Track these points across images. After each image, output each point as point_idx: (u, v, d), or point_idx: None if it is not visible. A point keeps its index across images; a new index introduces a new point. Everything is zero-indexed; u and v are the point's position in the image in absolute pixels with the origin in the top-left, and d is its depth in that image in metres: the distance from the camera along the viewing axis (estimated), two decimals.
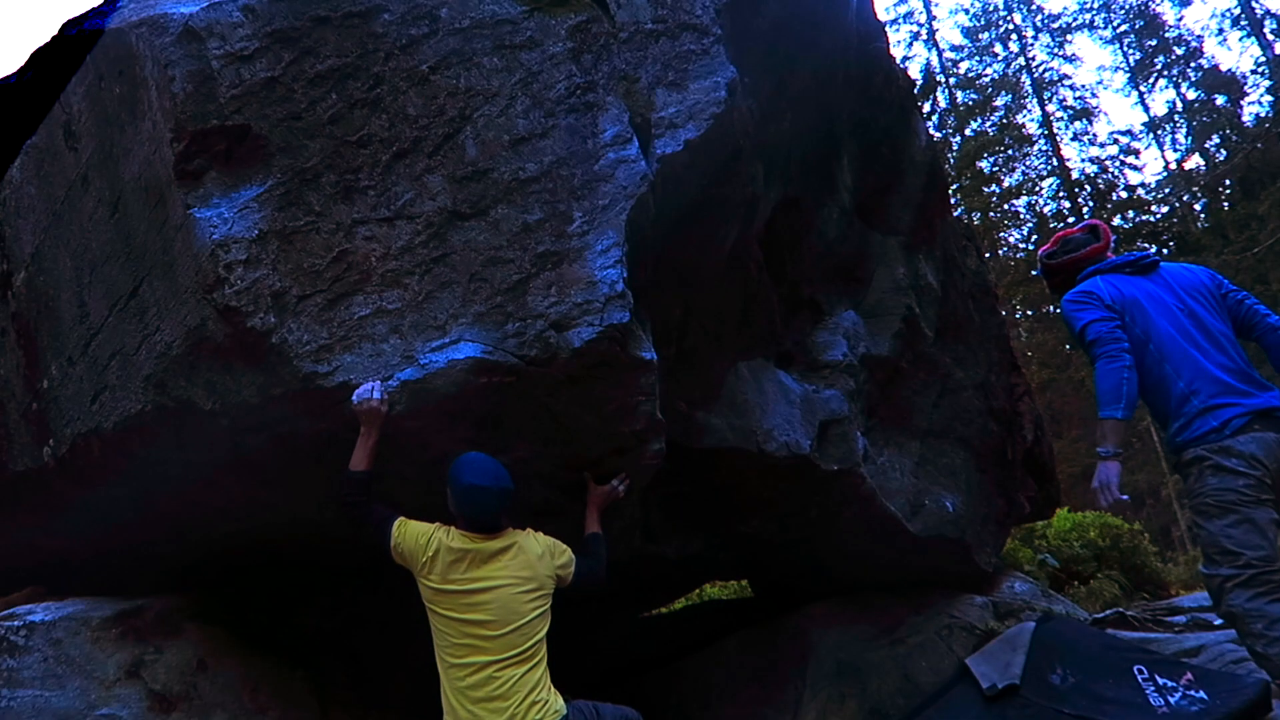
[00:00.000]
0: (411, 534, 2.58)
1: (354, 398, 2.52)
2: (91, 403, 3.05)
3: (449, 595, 2.51)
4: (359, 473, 2.60)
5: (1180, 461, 2.81)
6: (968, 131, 23.98)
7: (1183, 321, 2.87)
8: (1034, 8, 25.53)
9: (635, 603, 5.96)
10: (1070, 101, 24.29)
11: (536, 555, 2.62)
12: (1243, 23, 22.09)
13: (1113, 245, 3.23)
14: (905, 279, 4.76)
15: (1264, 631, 2.56)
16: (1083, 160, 23.76)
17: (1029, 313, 22.13)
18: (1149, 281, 2.99)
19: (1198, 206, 22.26)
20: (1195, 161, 22.91)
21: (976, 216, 21.99)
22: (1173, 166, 23.44)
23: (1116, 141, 23.85)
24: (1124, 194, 22.74)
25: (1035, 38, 25.35)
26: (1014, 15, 25.56)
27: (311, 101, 2.70)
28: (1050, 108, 24.08)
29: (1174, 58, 23.51)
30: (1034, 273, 20.79)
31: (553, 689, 2.53)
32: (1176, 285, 2.98)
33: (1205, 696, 3.52)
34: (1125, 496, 2.71)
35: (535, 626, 2.53)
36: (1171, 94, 23.99)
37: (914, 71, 24.48)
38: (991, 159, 23.20)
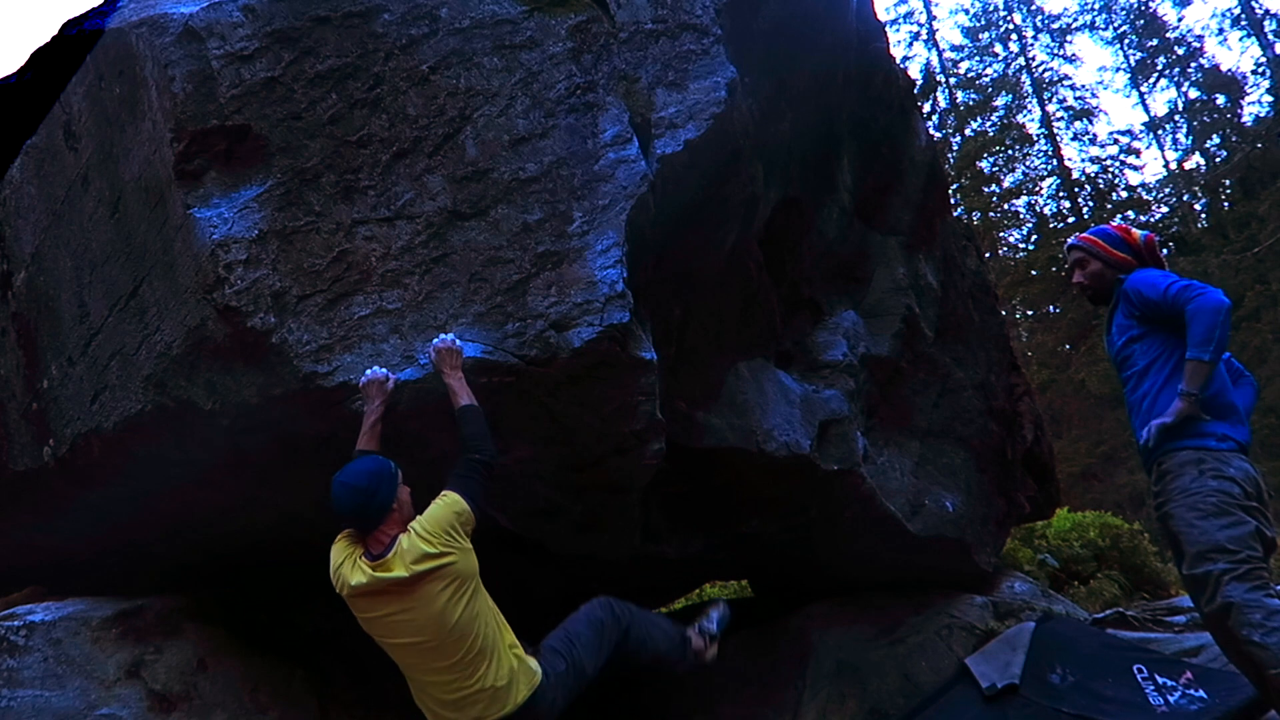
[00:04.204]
0: (333, 559, 2.44)
1: (363, 376, 2.53)
2: (91, 403, 3.05)
3: (371, 623, 2.42)
4: (357, 452, 2.55)
5: (1173, 459, 2.88)
6: (968, 131, 23.91)
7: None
8: (1034, 8, 25.48)
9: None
10: (1070, 101, 24.22)
11: (433, 553, 2.30)
12: (1243, 23, 22.05)
13: None
14: (905, 279, 4.76)
15: (1263, 621, 2.60)
16: (1083, 160, 23.67)
17: (1029, 313, 22.09)
18: None
19: (1198, 206, 22.23)
20: (1195, 161, 22.87)
21: (976, 216, 21.96)
22: (1173, 166, 23.41)
23: (1116, 141, 23.78)
24: (1124, 194, 22.69)
25: (1035, 38, 25.30)
26: (1014, 15, 25.51)
27: (311, 101, 2.70)
28: (1050, 108, 24.02)
29: (1174, 58, 23.46)
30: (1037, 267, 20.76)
31: (521, 661, 2.42)
32: None
33: (1205, 695, 3.52)
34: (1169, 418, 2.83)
35: (470, 627, 2.34)
36: (1172, 94, 23.95)
37: (914, 71, 24.43)
38: (991, 159, 23.14)
